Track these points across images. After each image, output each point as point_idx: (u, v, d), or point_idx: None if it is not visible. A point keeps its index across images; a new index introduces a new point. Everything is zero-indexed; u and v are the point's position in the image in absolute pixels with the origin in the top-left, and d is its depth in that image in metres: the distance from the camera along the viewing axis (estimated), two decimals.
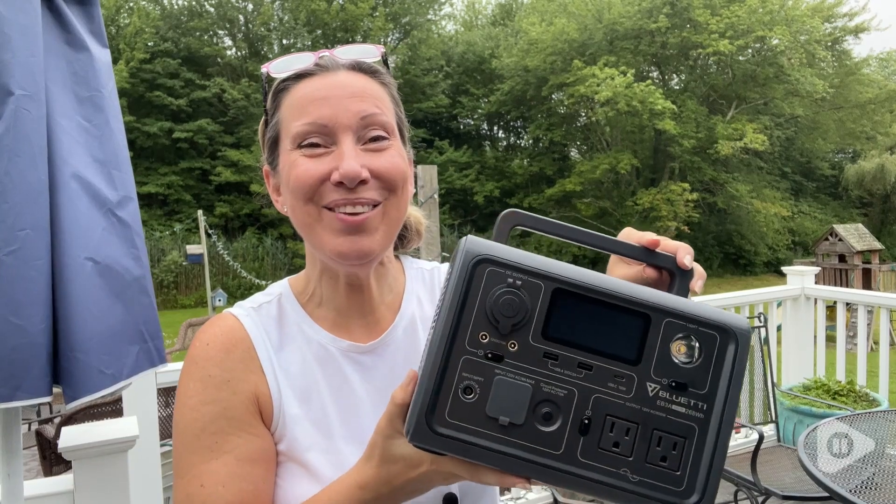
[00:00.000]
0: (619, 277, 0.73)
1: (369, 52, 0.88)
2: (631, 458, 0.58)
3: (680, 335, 0.60)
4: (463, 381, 0.58)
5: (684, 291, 0.68)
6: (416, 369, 0.66)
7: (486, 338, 0.59)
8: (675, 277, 0.68)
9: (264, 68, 0.87)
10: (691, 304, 0.61)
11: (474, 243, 0.61)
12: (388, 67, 0.90)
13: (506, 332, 0.58)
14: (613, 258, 0.76)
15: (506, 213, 0.66)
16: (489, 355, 0.58)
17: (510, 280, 0.59)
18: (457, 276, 0.59)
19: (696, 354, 0.60)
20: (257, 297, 0.92)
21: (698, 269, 0.69)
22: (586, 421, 0.58)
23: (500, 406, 0.58)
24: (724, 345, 0.60)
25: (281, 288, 0.93)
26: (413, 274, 0.99)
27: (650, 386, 0.59)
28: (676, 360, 0.60)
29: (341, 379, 0.87)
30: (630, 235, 0.72)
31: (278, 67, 0.86)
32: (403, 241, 1.01)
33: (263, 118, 0.91)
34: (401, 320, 0.92)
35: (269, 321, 0.88)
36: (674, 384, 0.59)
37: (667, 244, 0.70)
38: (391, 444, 0.67)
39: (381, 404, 0.73)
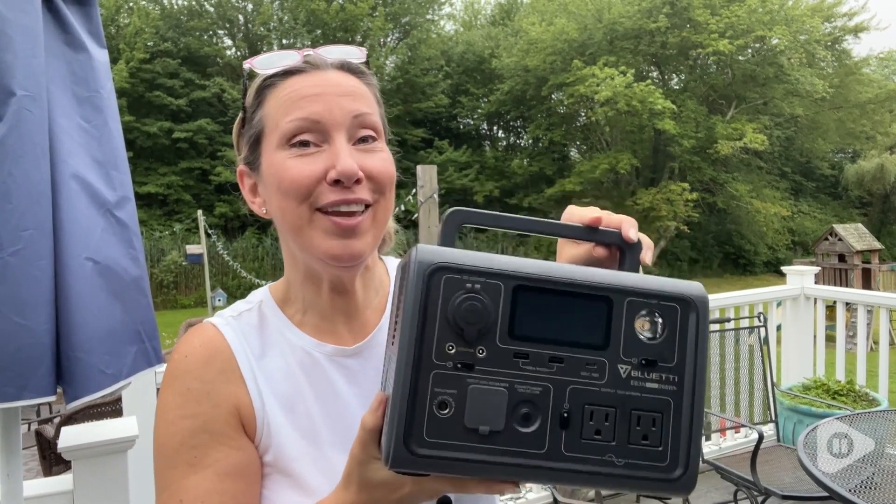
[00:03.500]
0: (569, 258, 0.73)
1: (353, 54, 0.85)
2: (614, 443, 0.58)
3: (642, 312, 0.60)
4: (436, 397, 0.56)
5: (635, 265, 0.68)
6: (382, 389, 0.64)
7: (452, 348, 0.57)
8: (624, 252, 0.68)
9: (247, 64, 0.84)
10: (648, 280, 0.61)
11: (426, 252, 0.58)
12: (370, 69, 0.88)
13: (472, 339, 0.57)
14: (561, 240, 0.75)
15: (450, 213, 0.65)
16: (459, 365, 0.56)
17: (469, 285, 0.57)
18: (413, 289, 0.57)
19: (661, 329, 0.60)
20: (238, 306, 0.90)
21: (645, 240, 0.69)
22: (565, 414, 0.58)
23: (479, 415, 0.56)
24: (685, 315, 0.61)
25: (261, 295, 0.91)
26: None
27: (622, 368, 0.59)
28: (642, 338, 0.60)
29: (327, 384, 0.84)
30: (572, 214, 0.71)
31: (263, 63, 0.83)
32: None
33: (241, 116, 0.88)
34: (386, 321, 0.90)
35: (250, 329, 0.86)
36: (644, 362, 0.60)
37: (609, 219, 0.69)
38: (367, 470, 0.64)
39: None
